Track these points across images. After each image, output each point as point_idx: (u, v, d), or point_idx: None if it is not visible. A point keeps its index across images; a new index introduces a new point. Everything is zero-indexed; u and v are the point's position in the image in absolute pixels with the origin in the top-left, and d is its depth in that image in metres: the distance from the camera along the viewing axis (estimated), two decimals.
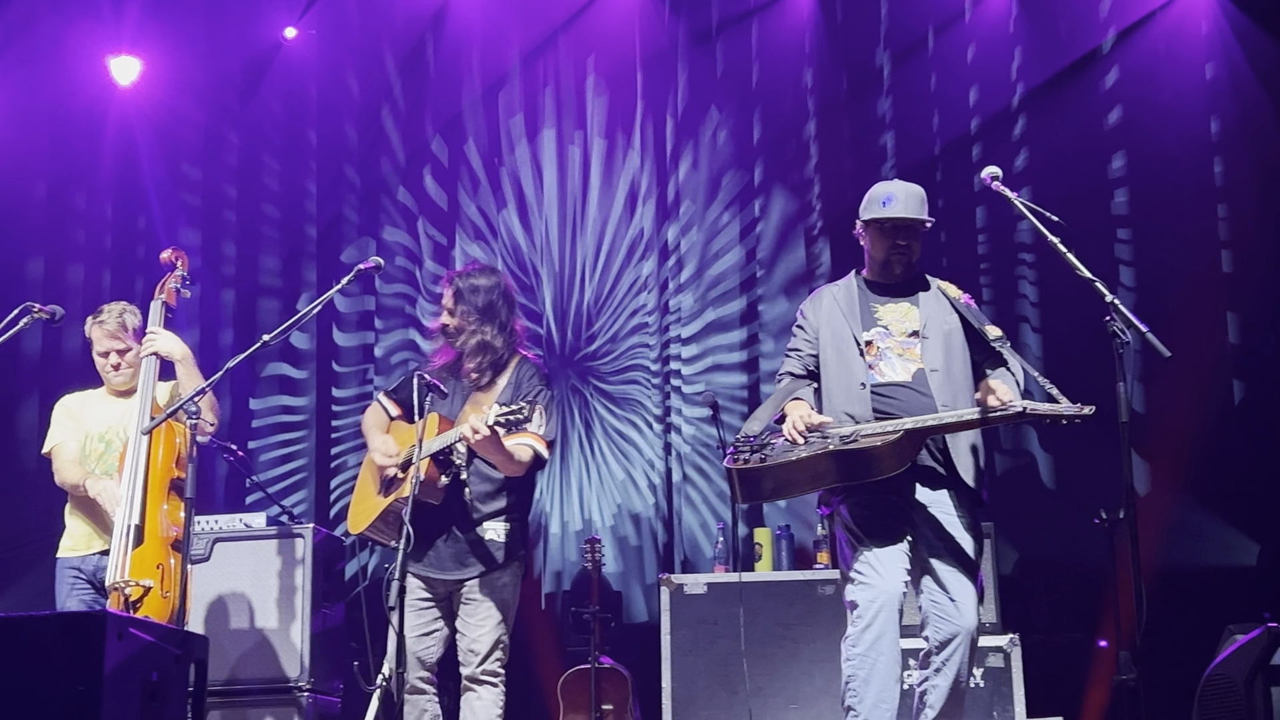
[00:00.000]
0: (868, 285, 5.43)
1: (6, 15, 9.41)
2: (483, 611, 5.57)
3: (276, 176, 9.50)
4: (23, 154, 9.41)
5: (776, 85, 9.00)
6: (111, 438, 6.12)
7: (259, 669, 6.84)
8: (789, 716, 6.90)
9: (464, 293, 5.71)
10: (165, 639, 3.70)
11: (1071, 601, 7.73)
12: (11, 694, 3.40)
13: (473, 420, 5.25)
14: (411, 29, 9.40)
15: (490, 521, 5.60)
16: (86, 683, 3.37)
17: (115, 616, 3.48)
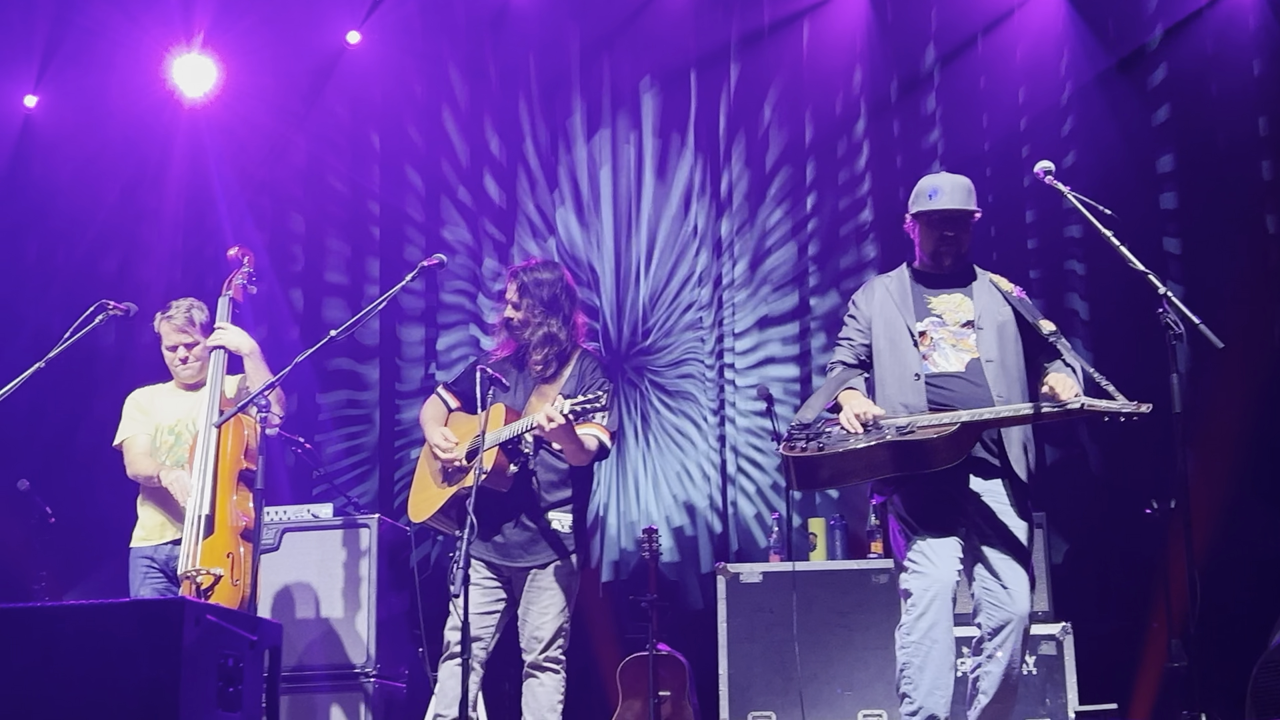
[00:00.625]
0: (920, 276, 5.40)
1: (79, 21, 9.48)
2: (546, 600, 5.57)
3: (341, 177, 9.53)
4: (96, 156, 9.50)
5: (827, 84, 8.95)
6: (181, 430, 6.15)
7: (326, 656, 6.88)
8: (843, 703, 6.89)
9: (529, 286, 5.72)
10: (241, 625, 3.70)
11: (1123, 590, 7.67)
12: (92, 680, 3.42)
13: (547, 409, 5.27)
14: (472, 32, 9.41)
15: (555, 511, 5.61)
16: (165, 668, 3.38)
17: (193, 604, 3.49)
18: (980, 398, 5.07)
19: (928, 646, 5.01)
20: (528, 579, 5.58)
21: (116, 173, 9.54)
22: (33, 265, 9.61)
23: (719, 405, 8.82)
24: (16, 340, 9.11)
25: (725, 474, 8.70)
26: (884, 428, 5.03)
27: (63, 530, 7.80)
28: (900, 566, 5.18)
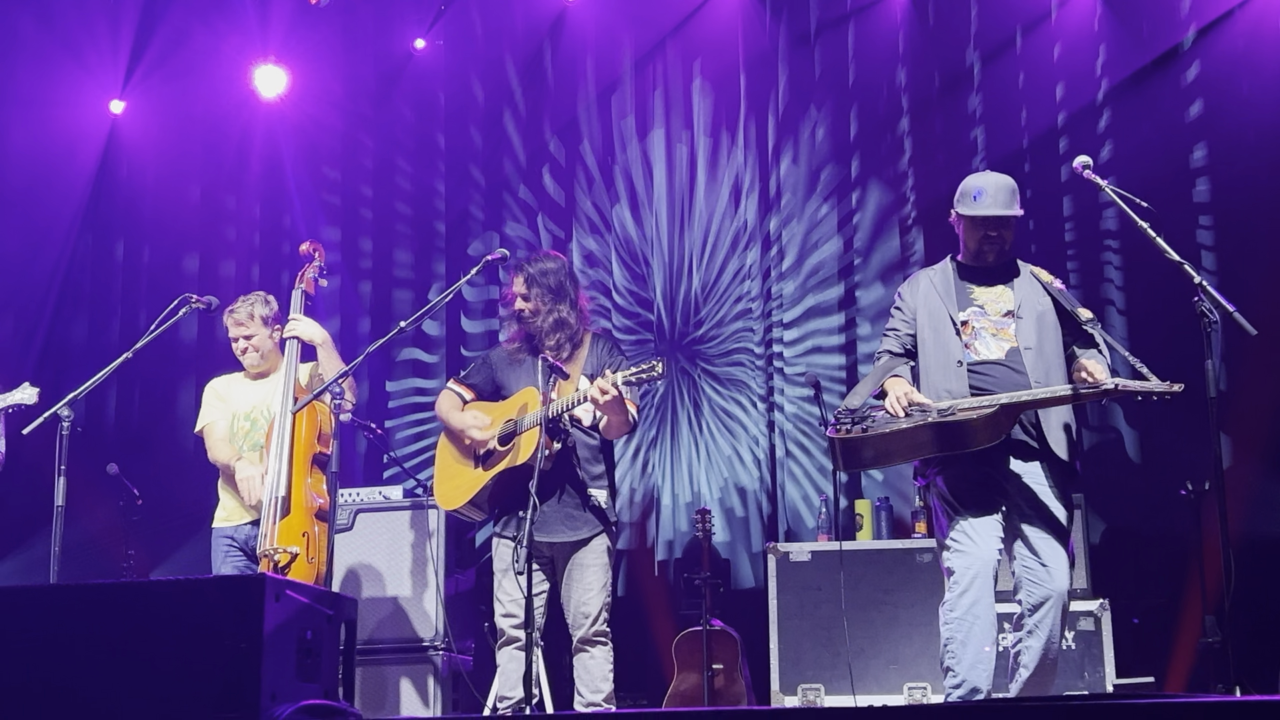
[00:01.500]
0: (963, 270, 5.38)
1: (162, 31, 9.56)
2: (590, 576, 5.56)
3: (408, 177, 9.57)
4: (179, 159, 9.59)
5: (872, 84, 8.91)
6: (256, 416, 6.19)
7: (397, 630, 6.92)
8: (889, 676, 6.87)
9: (535, 277, 5.74)
10: (318, 600, 3.72)
11: (1158, 569, 7.59)
12: (179, 652, 3.44)
13: (600, 381, 5.28)
14: (531, 38, 9.42)
15: (593, 487, 5.62)
16: (247, 641, 3.40)
17: (274, 580, 3.51)
18: (1019, 383, 5.06)
19: (970, 622, 5.01)
20: (571, 556, 5.57)
21: (197, 175, 9.63)
22: (121, 263, 9.71)
23: (768, 392, 8.79)
24: (105, 333, 9.21)
25: (774, 458, 8.67)
26: (926, 410, 5.03)
27: (149, 511, 7.88)
28: (942, 545, 5.17)
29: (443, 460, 5.88)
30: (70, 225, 9.52)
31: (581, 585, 5.55)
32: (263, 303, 6.29)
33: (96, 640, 3.55)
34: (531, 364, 5.73)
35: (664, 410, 8.93)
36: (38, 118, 9.47)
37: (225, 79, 9.42)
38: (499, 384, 5.84)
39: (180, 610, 3.52)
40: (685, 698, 7.27)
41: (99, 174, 9.68)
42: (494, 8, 9.44)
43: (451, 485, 5.78)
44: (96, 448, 7.97)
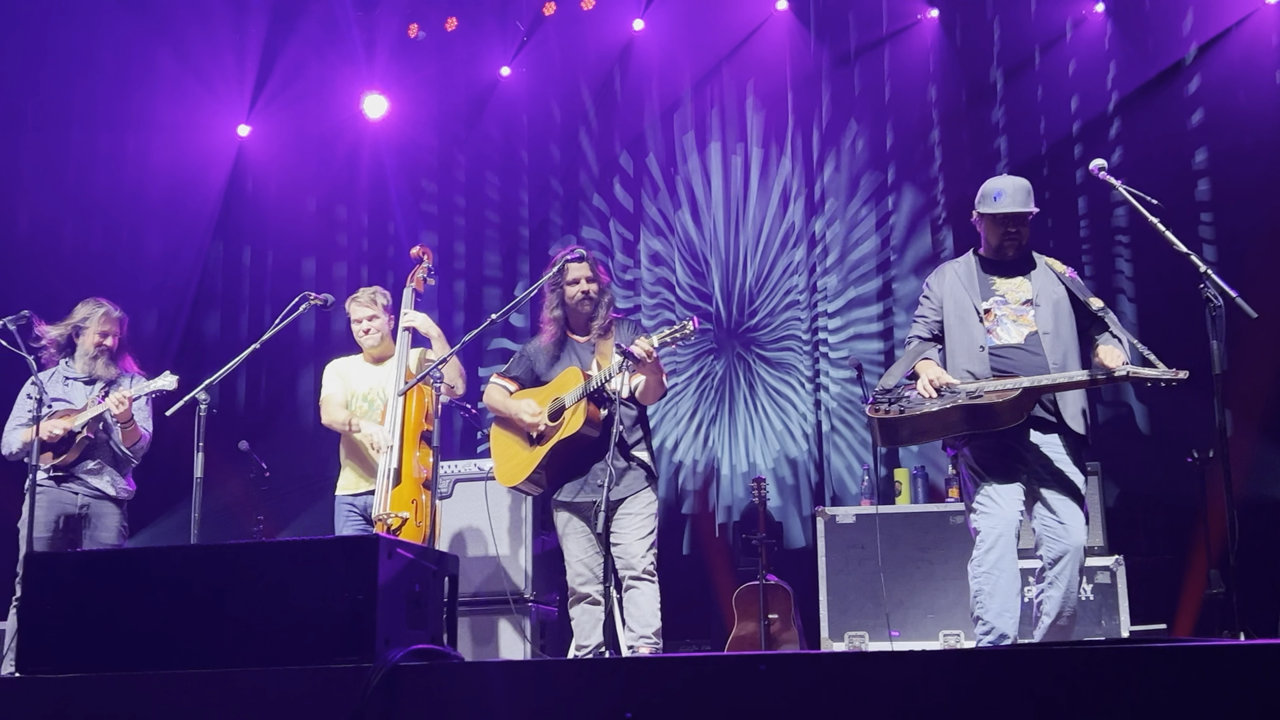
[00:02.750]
0: (985, 263, 5.34)
1: (281, 63, 9.64)
2: (636, 523, 5.54)
3: (495, 188, 9.60)
4: (297, 175, 9.66)
5: (905, 99, 8.85)
6: (374, 398, 6.24)
7: (493, 584, 6.95)
8: (926, 624, 6.84)
9: (593, 263, 5.78)
10: (424, 557, 3.75)
11: (1168, 528, 7.52)
12: (305, 603, 3.47)
13: (641, 341, 5.29)
14: (602, 64, 9.42)
15: (636, 448, 5.60)
16: (364, 593, 3.42)
17: (386, 539, 3.53)
18: (1038, 365, 5.04)
19: (996, 576, 5.00)
20: (620, 508, 5.53)
21: (313, 188, 9.71)
22: (248, 266, 9.81)
23: (814, 374, 8.76)
24: (235, 327, 9.31)
25: (820, 432, 8.65)
26: (956, 392, 5.00)
27: (275, 482, 7.96)
28: (970, 509, 5.15)
29: (498, 444, 5.88)
30: (204, 233, 9.62)
31: (629, 531, 5.52)
32: (381, 294, 6.37)
33: (233, 593, 3.59)
34: (570, 348, 5.76)
35: (722, 391, 8.92)
36: (175, 140, 9.58)
37: (336, 104, 9.51)
38: (537, 374, 5.84)
39: (306, 567, 3.55)
40: (745, 643, 7.27)
41: (228, 189, 9.78)
42: (570, 38, 9.44)
43: (510, 465, 5.79)
44: (229, 427, 8.04)
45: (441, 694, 3.26)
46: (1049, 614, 5.01)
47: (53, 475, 6.23)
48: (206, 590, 3.64)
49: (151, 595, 3.66)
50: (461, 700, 3.23)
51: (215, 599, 3.62)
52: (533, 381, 5.84)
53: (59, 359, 6.47)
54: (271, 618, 3.51)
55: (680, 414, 8.89)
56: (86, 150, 9.25)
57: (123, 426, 6.26)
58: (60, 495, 6.25)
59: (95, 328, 6.41)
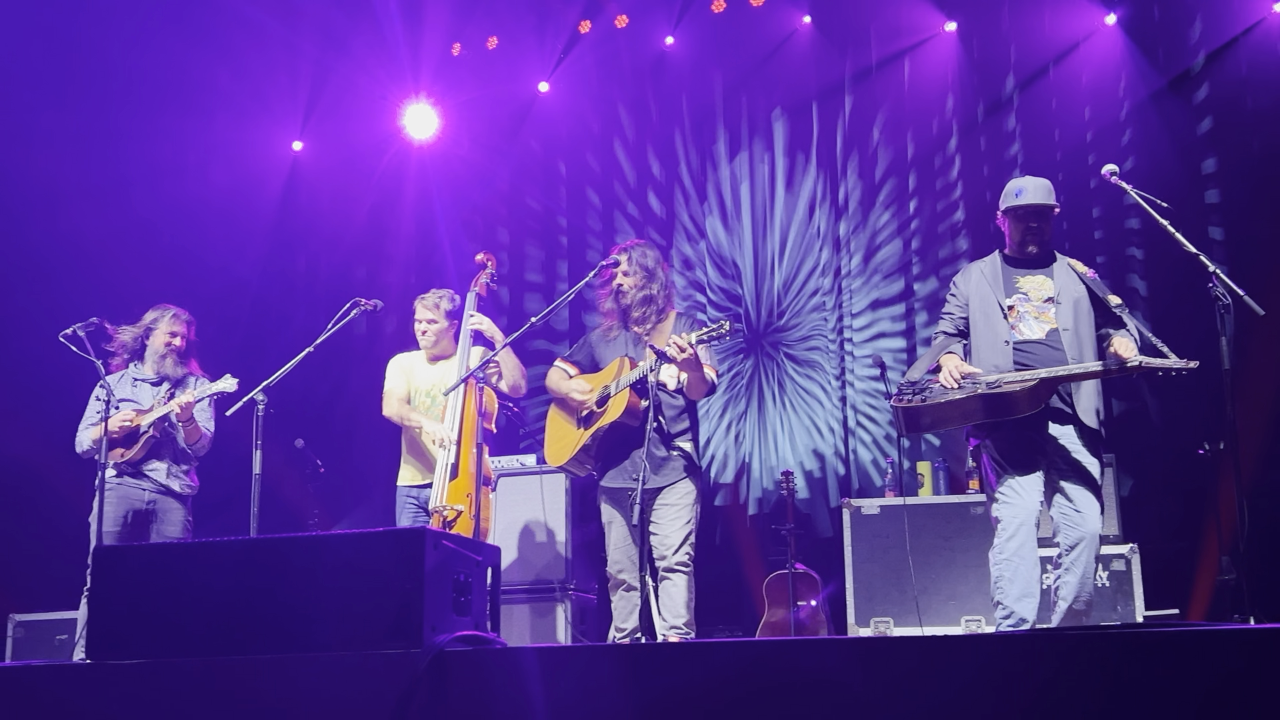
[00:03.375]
0: (1009, 260, 5.32)
1: (332, 81, 9.69)
2: (673, 514, 5.48)
3: (535, 198, 9.62)
4: (347, 187, 9.71)
5: (925, 109, 8.81)
6: (435, 393, 6.27)
7: (534, 573, 6.98)
8: (948, 610, 6.80)
9: (633, 258, 5.72)
10: (468, 549, 3.75)
11: (1180, 517, 7.45)
12: (356, 592, 3.49)
13: (676, 339, 5.23)
14: (636, 78, 9.42)
15: (679, 439, 5.55)
16: (411, 582, 3.43)
17: (432, 532, 3.54)
18: (1058, 359, 5.02)
19: (1016, 563, 4.98)
20: (657, 498, 5.50)
21: (363, 199, 9.74)
22: (301, 273, 9.88)
23: (840, 372, 8.74)
24: (287, 331, 9.35)
25: (847, 427, 8.62)
26: (976, 382, 4.99)
27: (329, 478, 7.99)
28: (992, 499, 5.14)
29: (552, 424, 5.88)
30: (261, 242, 9.67)
31: (665, 521, 5.47)
32: (448, 299, 6.37)
33: (290, 583, 3.61)
34: (623, 339, 5.74)
35: (752, 389, 8.90)
36: (234, 155, 9.64)
37: (383, 119, 9.53)
38: (596, 359, 5.83)
39: (357, 558, 3.57)
40: (774, 628, 7.26)
41: (283, 200, 9.85)
42: (605, 54, 9.44)
43: (558, 445, 5.78)
44: (285, 426, 8.09)
45: (485, 677, 3.26)
46: (1066, 599, 5.00)
47: (121, 472, 6.29)
48: (264, 580, 3.66)
49: (213, 586, 3.68)
50: (503, 683, 3.24)
51: (272, 589, 3.64)
52: (592, 367, 5.83)
53: (128, 363, 6.53)
54: (325, 606, 3.52)
55: (712, 411, 8.88)
56: (152, 166, 9.32)
57: (184, 426, 6.31)
58: (128, 492, 6.31)
59: (164, 329, 6.49)
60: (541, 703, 3.15)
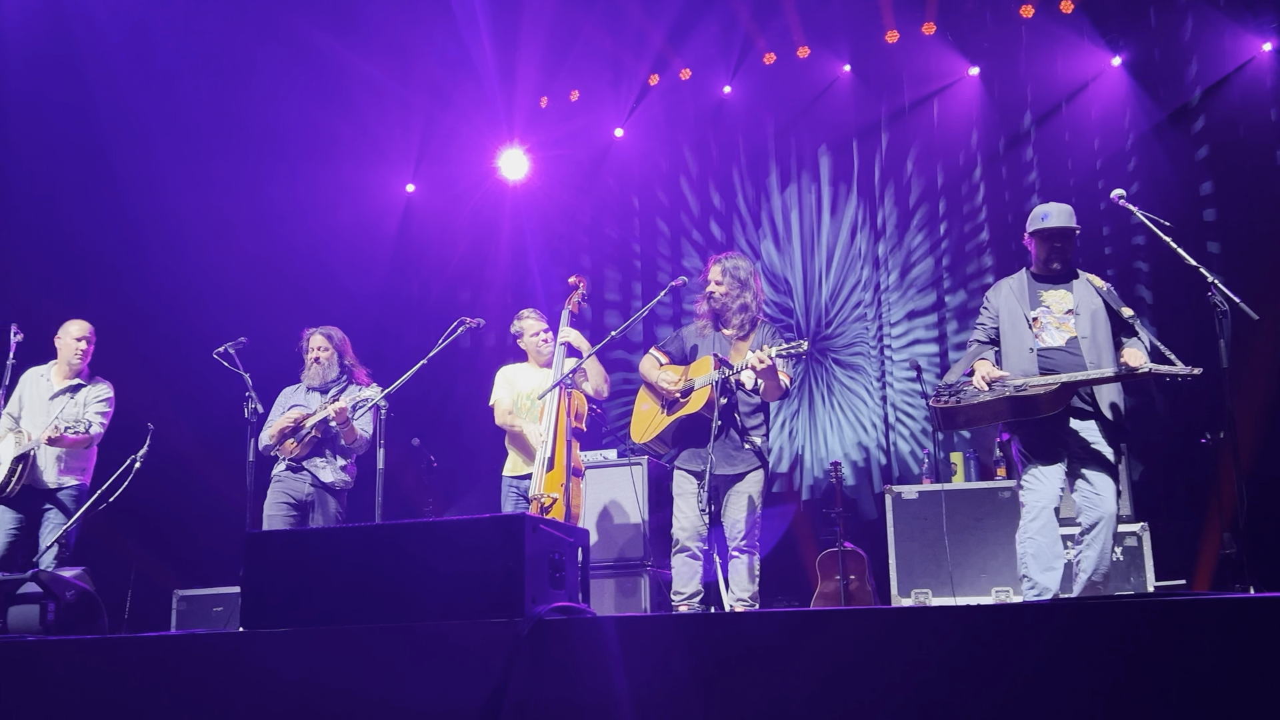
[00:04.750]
0: (1035, 277, 5.27)
1: (439, 132, 9.80)
2: (744, 500, 5.43)
3: (613, 228, 9.65)
4: (452, 221, 9.81)
5: (952, 143, 8.74)
6: (535, 397, 6.28)
7: (617, 552, 6.98)
8: (980, 581, 6.72)
9: (728, 269, 5.64)
10: (562, 531, 3.77)
11: (1186, 498, 7.31)
12: (467, 569, 3.50)
13: (757, 353, 5.20)
14: (699, 122, 9.43)
15: (752, 433, 5.48)
16: (513, 561, 3.44)
17: (530, 518, 3.55)
18: (1076, 364, 4.98)
19: (1040, 541, 4.95)
20: (732, 485, 5.44)
21: (465, 232, 9.84)
22: (414, 296, 9.98)
23: (881, 375, 8.68)
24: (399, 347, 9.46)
25: (887, 423, 8.56)
26: (1005, 385, 4.94)
27: (441, 471, 8.07)
28: (1019, 486, 5.09)
29: (639, 406, 5.82)
30: (381, 270, 9.81)
31: (736, 507, 5.42)
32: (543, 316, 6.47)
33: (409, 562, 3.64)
34: (713, 338, 5.65)
35: (804, 390, 8.87)
36: (358, 197, 9.79)
37: (482, 164, 9.64)
38: (686, 352, 5.74)
39: (467, 540, 3.58)
40: (827, 598, 7.22)
41: (399, 234, 9.98)
42: (672, 103, 9.46)
43: (643, 426, 5.73)
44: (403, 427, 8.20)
45: (577, 642, 3.28)
46: (1086, 571, 4.93)
47: (289, 467, 6.37)
48: (388, 560, 3.68)
49: (345, 565, 3.72)
50: (592, 647, 3.25)
51: (395, 567, 3.67)
52: (682, 358, 5.74)
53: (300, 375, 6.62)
54: (440, 581, 3.54)
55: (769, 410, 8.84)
56: (289, 206, 9.50)
57: (341, 428, 6.32)
58: (293, 484, 6.38)
59: (312, 346, 6.56)
60: (622, 662, 3.16)
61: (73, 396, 6.53)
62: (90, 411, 6.49)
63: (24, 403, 6.57)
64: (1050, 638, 2.87)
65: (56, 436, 6.23)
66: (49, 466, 6.41)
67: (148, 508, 7.17)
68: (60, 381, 6.58)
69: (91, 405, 6.53)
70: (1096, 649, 2.80)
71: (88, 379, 6.64)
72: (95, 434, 6.48)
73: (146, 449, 6.36)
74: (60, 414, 6.35)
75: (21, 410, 6.55)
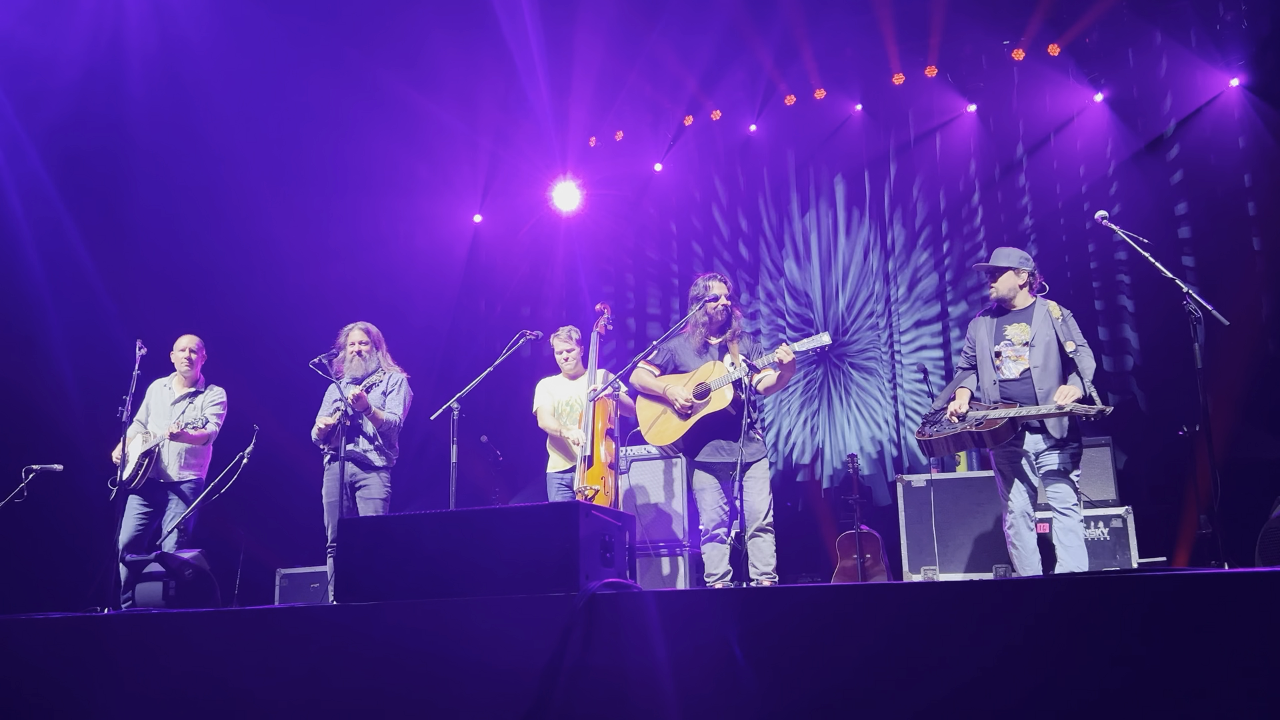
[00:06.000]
0: (999, 312, 5.35)
1: (501, 170, 9.85)
2: (762, 484, 5.39)
3: (653, 251, 9.66)
4: (514, 246, 9.86)
5: (953, 171, 8.67)
6: (572, 403, 6.30)
7: (659, 534, 6.96)
8: (981, 559, 6.67)
9: (726, 283, 5.62)
10: (611, 517, 3.77)
11: (1165, 484, 7.19)
12: (529, 550, 3.52)
13: (781, 350, 5.22)
14: (728, 157, 9.42)
15: (758, 424, 5.45)
16: (569, 542, 3.46)
17: (584, 505, 3.57)
18: (1027, 393, 5.07)
19: (1017, 531, 5.13)
20: (748, 471, 5.38)
21: (526, 256, 9.89)
22: (481, 312, 10.03)
23: (892, 377, 8.62)
24: (464, 357, 9.52)
25: (898, 419, 8.50)
26: (967, 420, 5.08)
27: (506, 464, 8.11)
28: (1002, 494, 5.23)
29: (644, 413, 5.68)
30: (453, 291, 9.86)
31: (755, 491, 5.37)
32: (574, 331, 6.45)
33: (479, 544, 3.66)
34: (711, 348, 5.57)
35: (823, 391, 8.82)
36: (431, 227, 9.86)
37: (540, 196, 9.68)
38: (677, 364, 5.64)
39: (529, 525, 3.60)
40: (846, 574, 7.17)
41: (468, 258, 10.03)
42: (703, 140, 9.47)
43: (660, 430, 5.59)
44: (473, 426, 8.26)
45: (626, 613, 3.28)
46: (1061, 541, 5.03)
47: (333, 456, 6.20)
48: (460, 542, 3.71)
49: (424, 546, 3.75)
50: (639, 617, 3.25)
51: (466, 548, 3.69)
52: (672, 370, 5.65)
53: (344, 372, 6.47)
54: (505, 561, 3.56)
55: (792, 409, 8.82)
56: (373, 235, 9.59)
57: (364, 414, 6.09)
58: (337, 470, 6.16)
59: (352, 339, 6.36)
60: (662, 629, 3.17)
61: (192, 401, 6.62)
62: (208, 412, 6.58)
63: (150, 410, 6.67)
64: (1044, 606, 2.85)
65: (178, 431, 6.32)
66: (171, 462, 6.48)
67: (254, 497, 7.25)
68: (180, 389, 6.67)
69: (208, 407, 6.61)
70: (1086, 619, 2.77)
71: (204, 385, 6.72)
72: (211, 431, 6.55)
73: (253, 446, 6.42)
74: (182, 415, 6.45)
75: (149, 416, 6.66)
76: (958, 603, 2.93)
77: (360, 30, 8.98)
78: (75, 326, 8.34)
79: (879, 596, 3.09)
